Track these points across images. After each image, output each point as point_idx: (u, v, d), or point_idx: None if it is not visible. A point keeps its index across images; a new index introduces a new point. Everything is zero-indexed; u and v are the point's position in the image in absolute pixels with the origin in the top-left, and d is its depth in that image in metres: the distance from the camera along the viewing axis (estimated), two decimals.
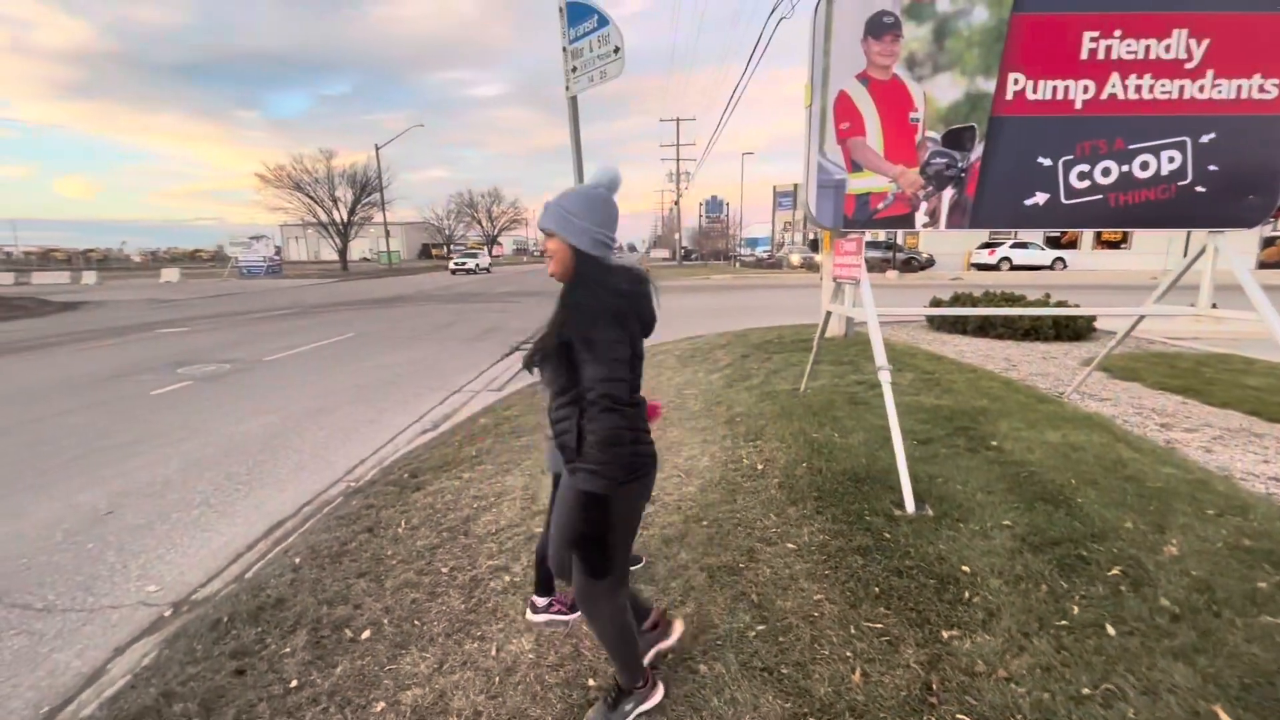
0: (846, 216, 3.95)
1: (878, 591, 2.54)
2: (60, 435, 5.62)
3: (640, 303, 1.74)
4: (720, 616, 2.46)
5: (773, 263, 42.19)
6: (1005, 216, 4.01)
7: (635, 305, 1.72)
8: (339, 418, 6.11)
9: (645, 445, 1.78)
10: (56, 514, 3.98)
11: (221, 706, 2.12)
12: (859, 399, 5.42)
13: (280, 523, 3.85)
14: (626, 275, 1.72)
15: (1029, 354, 7.74)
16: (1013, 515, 3.12)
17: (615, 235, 1.73)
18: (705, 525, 3.24)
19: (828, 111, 3.82)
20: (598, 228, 1.68)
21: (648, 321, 1.79)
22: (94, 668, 2.54)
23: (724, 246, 63.80)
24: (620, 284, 1.69)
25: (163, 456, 5.02)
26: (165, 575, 3.25)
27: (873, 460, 3.90)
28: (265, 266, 39.40)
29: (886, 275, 26.87)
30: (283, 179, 44.09)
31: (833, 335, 8.83)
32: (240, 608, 2.71)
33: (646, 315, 1.77)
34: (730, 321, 12.20)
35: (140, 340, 11.90)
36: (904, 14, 3.70)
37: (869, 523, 3.10)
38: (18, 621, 2.86)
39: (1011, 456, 3.93)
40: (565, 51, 4.01)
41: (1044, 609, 2.37)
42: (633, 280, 1.72)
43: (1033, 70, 3.71)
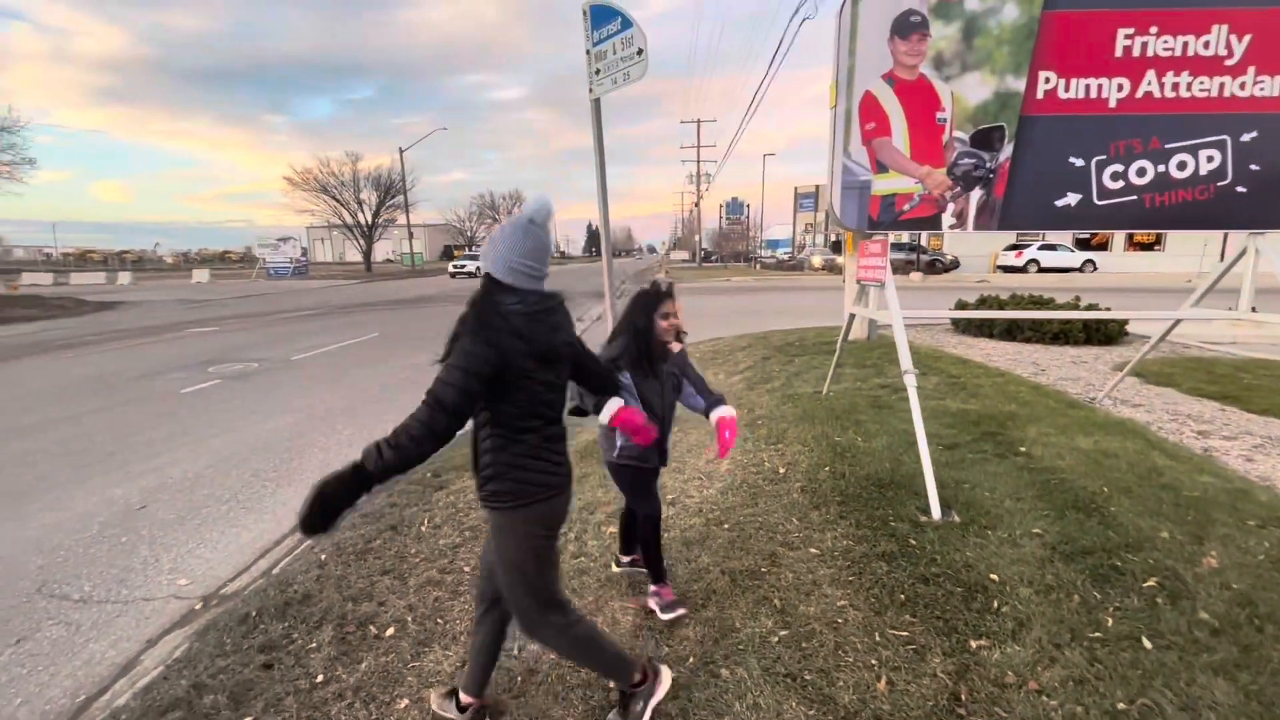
0: (871, 218, 3.90)
1: (903, 599, 2.50)
2: (96, 431, 5.78)
3: (535, 328, 1.67)
4: (742, 621, 2.44)
5: (794, 264, 41.88)
6: (1035, 218, 3.93)
7: (530, 329, 1.65)
8: (363, 417, 6.19)
9: (541, 473, 1.75)
10: (92, 508, 4.09)
11: (250, 699, 2.16)
12: (883, 402, 5.35)
13: None
14: (531, 299, 1.68)
15: (1058, 358, 7.57)
16: (1043, 523, 3.04)
17: (538, 265, 1.69)
18: (726, 528, 3.22)
19: (853, 112, 3.78)
20: (517, 256, 1.66)
21: (544, 348, 1.69)
22: (128, 658, 2.61)
23: (744, 248, 63.51)
24: (513, 305, 1.65)
25: (193, 453, 5.14)
26: (196, 569, 3.33)
27: (897, 465, 3.84)
28: (292, 268, 40.19)
29: (910, 277, 26.51)
30: (310, 182, 44.98)
31: (856, 338, 8.74)
32: (268, 603, 2.76)
33: (541, 342, 1.68)
34: (751, 324, 12.14)
35: (172, 339, 12.21)
36: (932, 13, 3.65)
37: (894, 528, 3.05)
38: (56, 612, 2.94)
39: (1041, 463, 3.85)
40: (589, 54, 4.02)
41: (1076, 620, 2.31)
42: (535, 305, 1.68)
43: (1065, 68, 3.63)
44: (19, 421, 6.18)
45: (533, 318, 1.67)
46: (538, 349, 1.67)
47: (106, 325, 15.34)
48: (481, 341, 1.59)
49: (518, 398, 1.67)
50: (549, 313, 1.73)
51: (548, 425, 1.77)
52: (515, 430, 1.70)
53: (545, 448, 1.76)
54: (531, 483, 1.73)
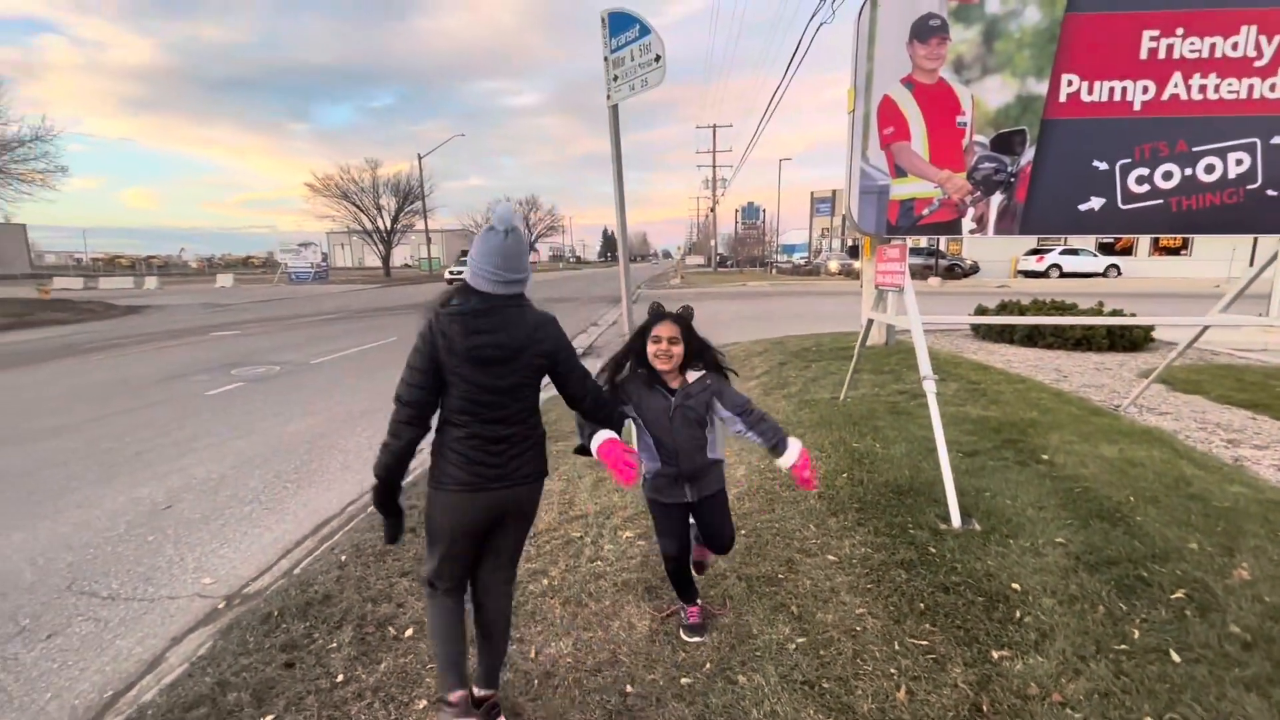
0: (890, 222, 3.88)
1: (923, 607, 2.47)
2: (123, 432, 5.92)
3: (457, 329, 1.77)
4: (759, 627, 2.43)
5: (810, 269, 41.66)
6: (1058, 222, 3.88)
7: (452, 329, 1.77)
8: (382, 419, 6.21)
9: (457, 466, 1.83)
10: (120, 507, 4.18)
11: (272, 697, 2.19)
12: (901, 409, 5.30)
13: (326, 521, 3.97)
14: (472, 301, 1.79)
15: (1081, 365, 7.44)
16: (1066, 532, 2.99)
17: (496, 269, 1.77)
18: (743, 534, 3.21)
19: (871, 116, 3.77)
20: (480, 262, 1.78)
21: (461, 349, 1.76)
22: (154, 655, 2.66)
23: (760, 253, 63.31)
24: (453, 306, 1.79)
25: (216, 454, 5.24)
26: (219, 568, 3.38)
27: (916, 472, 3.80)
28: (313, 272, 40.84)
29: (929, 282, 26.24)
30: (330, 188, 45.64)
31: (873, 343, 8.67)
32: (290, 602, 2.80)
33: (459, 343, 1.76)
34: (766, 329, 12.09)
35: (196, 343, 12.45)
36: (951, 17, 3.62)
37: (913, 536, 3.02)
38: (85, 608, 3.01)
39: (1064, 471, 3.78)
40: (607, 61, 4.05)
41: (1101, 632, 2.27)
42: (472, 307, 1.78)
43: (1088, 71, 3.59)
44: (51, 422, 6.34)
45: (463, 319, 1.77)
46: (457, 349, 1.76)
47: (133, 329, 15.69)
48: (418, 338, 1.80)
49: (451, 393, 1.81)
50: (481, 315, 1.79)
51: (484, 425, 1.82)
52: (447, 421, 1.85)
53: (473, 445, 1.83)
54: (445, 472, 1.84)
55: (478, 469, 1.83)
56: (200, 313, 20.00)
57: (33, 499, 4.33)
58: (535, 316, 1.90)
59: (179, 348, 11.79)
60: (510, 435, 1.87)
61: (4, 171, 23.38)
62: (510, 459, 1.87)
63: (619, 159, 4.19)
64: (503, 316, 1.82)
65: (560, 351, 1.94)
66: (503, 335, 1.81)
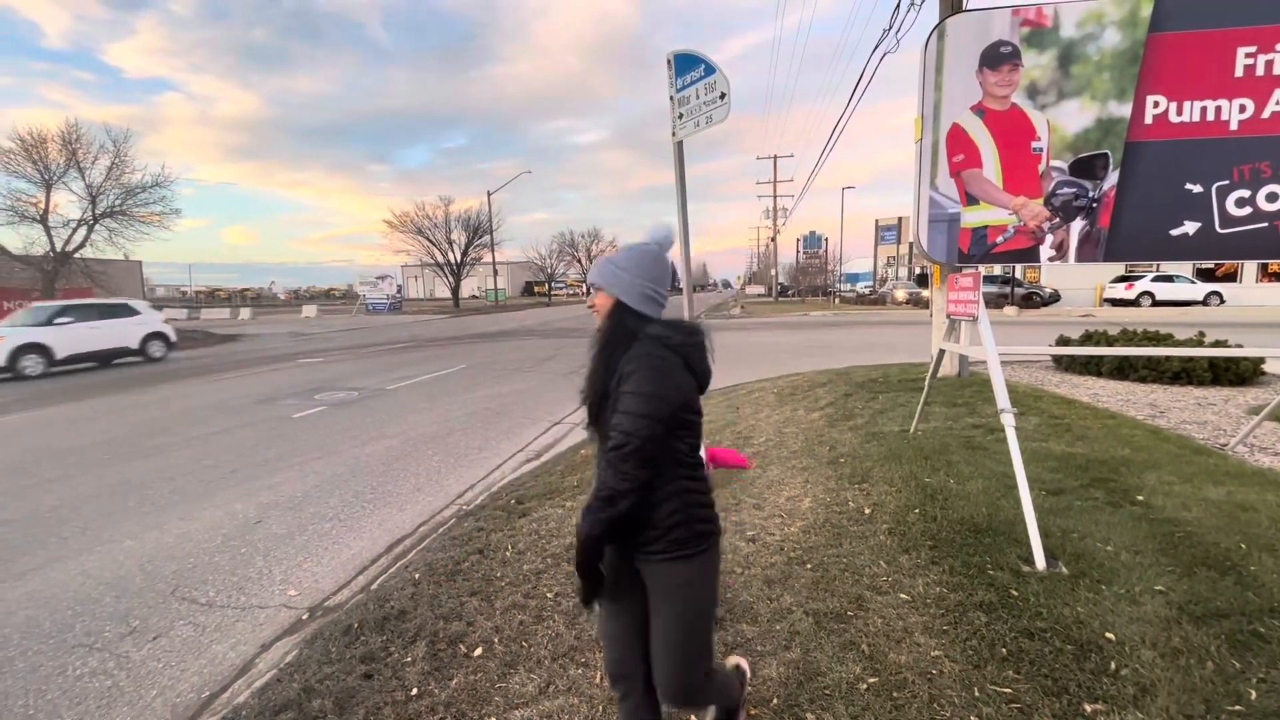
0: (961, 251, 3.79)
1: (1005, 653, 2.33)
2: (220, 451, 6.40)
3: (698, 357, 1.60)
4: (828, 665, 2.36)
5: (875, 298, 40.58)
6: (1147, 248, 3.68)
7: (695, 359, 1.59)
8: (451, 444, 6.51)
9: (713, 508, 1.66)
10: (217, 520, 4.51)
11: (353, 706, 2.30)
12: (976, 443, 5.06)
13: (400, 540, 4.14)
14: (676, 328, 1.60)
15: (1179, 399, 6.89)
16: (1167, 580, 2.77)
17: (666, 291, 1.64)
18: (809, 568, 3.14)
19: (940, 145, 3.72)
20: (646, 282, 1.60)
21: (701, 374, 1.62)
22: (245, 660, 2.84)
23: (822, 282, 62.28)
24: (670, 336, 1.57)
25: (301, 473, 5.58)
26: (303, 581, 3.59)
27: (994, 510, 3.61)
28: (388, 303, 43.14)
29: (1005, 311, 25.04)
30: (406, 224, 48.34)
31: (945, 375, 8.34)
32: (368, 616, 2.94)
33: (705, 373, 1.62)
34: (830, 359, 11.84)
35: (285, 369, 13.35)
36: (1023, 43, 3.57)
37: (992, 577, 2.87)
38: (186, 613, 3.25)
39: (1163, 513, 3.51)
40: (672, 100, 4.19)
41: (1211, 690, 2.08)
42: (683, 333, 1.60)
43: (1176, 92, 3.43)
44: (162, 440, 6.94)
45: (699, 343, 1.60)
46: (705, 381, 1.61)
47: (230, 355, 17.01)
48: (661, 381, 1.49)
49: (684, 436, 1.56)
50: (702, 340, 1.63)
51: (696, 461, 1.63)
52: (688, 467, 1.59)
53: (699, 490, 1.62)
54: (713, 522, 1.63)
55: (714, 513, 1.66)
56: (287, 341, 21.47)
57: (143, 510, 4.74)
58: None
59: (269, 373, 12.67)
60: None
61: (127, 215, 26.07)
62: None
63: (684, 192, 4.30)
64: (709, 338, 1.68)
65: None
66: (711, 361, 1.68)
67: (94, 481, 5.47)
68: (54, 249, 24.73)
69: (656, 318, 1.61)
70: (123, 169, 25.61)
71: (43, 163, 24.14)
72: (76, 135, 24.71)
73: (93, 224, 25.33)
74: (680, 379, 1.53)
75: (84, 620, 3.19)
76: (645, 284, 1.59)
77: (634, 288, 1.59)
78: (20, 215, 24.10)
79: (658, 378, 1.48)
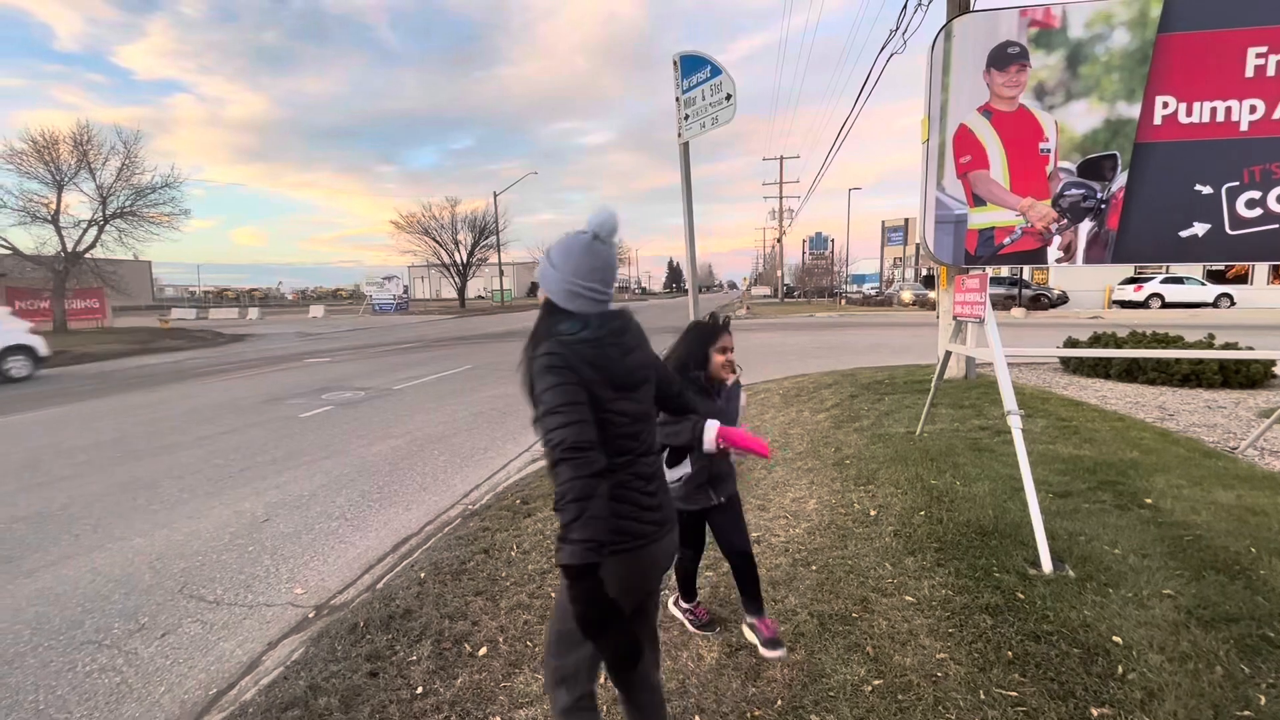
0: (968, 252, 3.77)
1: (1010, 656, 2.32)
2: (228, 450, 6.44)
3: (609, 355, 1.45)
4: (833, 666, 2.35)
5: (881, 300, 40.44)
6: (1156, 250, 3.66)
7: (602, 359, 1.44)
8: (457, 444, 6.53)
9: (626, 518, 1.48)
10: (225, 519, 4.54)
11: (358, 704, 2.31)
12: (982, 445, 5.04)
13: (406, 539, 4.16)
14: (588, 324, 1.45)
15: (1189, 402, 6.84)
16: (1175, 584, 2.75)
17: (598, 285, 1.46)
18: (814, 570, 3.13)
19: (946, 146, 3.71)
20: (574, 278, 1.44)
21: (622, 377, 1.47)
22: (252, 658, 2.86)
23: (829, 283, 62.10)
24: (577, 333, 1.44)
25: (308, 472, 5.61)
26: (310, 580, 3.61)
27: (1001, 512, 3.60)
28: (394, 304, 43.35)
29: (1012, 313, 24.90)
30: (413, 225, 48.62)
31: (951, 377, 8.30)
32: (374, 615, 2.95)
33: (618, 370, 1.46)
34: (836, 360, 11.80)
35: (292, 368, 13.43)
36: (1031, 43, 3.55)
37: (998, 580, 2.85)
38: (194, 611, 3.28)
39: (1171, 517, 3.48)
40: (678, 101, 4.20)
41: (1219, 695, 2.06)
42: (594, 328, 1.45)
43: (1186, 92, 3.41)
44: (171, 439, 7.00)
45: (608, 340, 1.46)
46: (616, 377, 1.45)
47: (238, 355, 17.12)
48: (552, 374, 1.37)
49: (600, 434, 1.40)
50: (619, 333, 1.50)
51: (637, 460, 1.51)
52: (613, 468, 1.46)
53: (630, 488, 1.50)
54: (627, 532, 1.48)
55: (649, 516, 1.53)
56: (295, 341, 21.58)
57: (152, 508, 4.78)
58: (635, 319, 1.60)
59: (277, 373, 12.75)
60: (657, 468, 1.60)
61: (138, 215, 26.31)
62: (663, 495, 1.59)
63: (689, 194, 4.30)
64: (636, 327, 1.56)
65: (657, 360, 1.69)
66: (647, 350, 1.57)
67: (104, 480, 5.52)
68: (65, 249, 24.99)
69: (585, 312, 1.46)
70: (133, 170, 25.90)
71: (54, 164, 24.41)
72: (88, 136, 24.99)
73: (103, 224, 25.57)
74: (584, 376, 1.39)
75: (93, 617, 3.22)
76: (572, 280, 1.45)
77: (560, 285, 1.46)
78: (32, 216, 24.38)
79: (555, 375, 1.37)
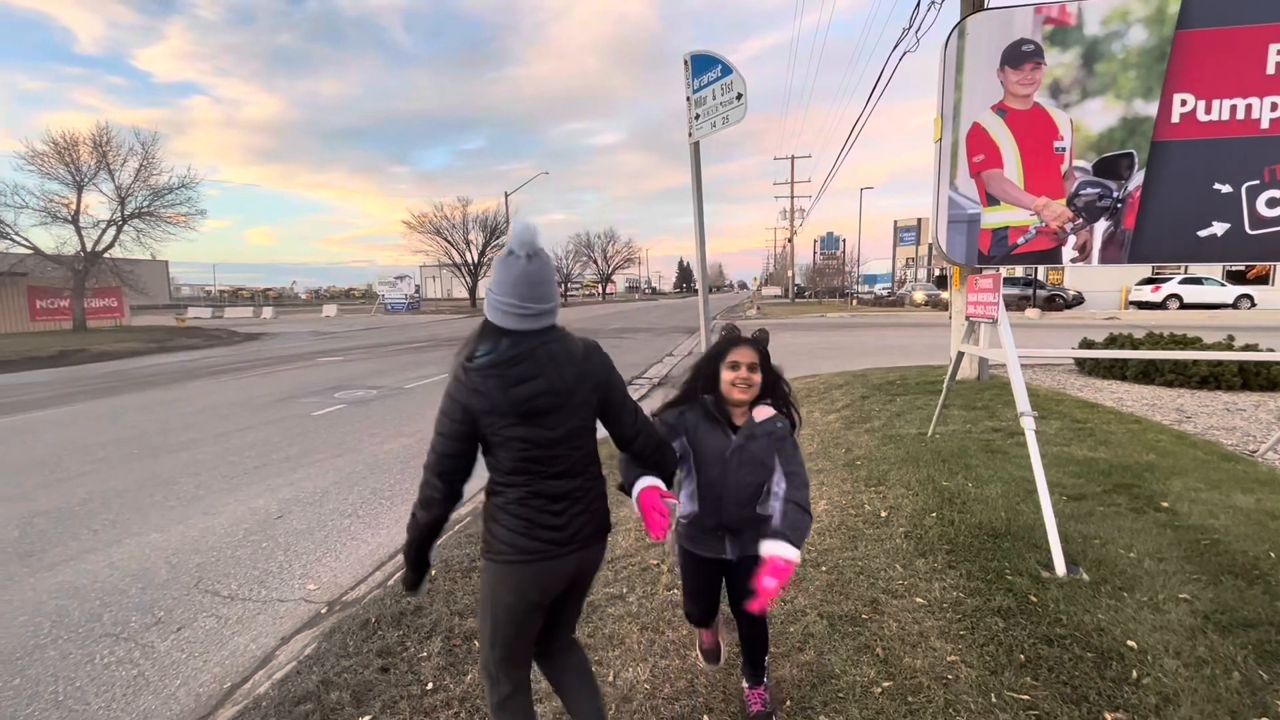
0: (981, 252, 3.74)
1: (1023, 659, 2.30)
2: (243, 447, 6.52)
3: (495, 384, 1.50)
4: (842, 668, 2.34)
5: (893, 300, 40.16)
6: (1173, 249, 3.61)
7: (488, 386, 1.50)
8: None
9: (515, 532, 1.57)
10: (239, 515, 4.60)
11: (370, 699, 2.34)
12: (995, 447, 4.99)
13: None
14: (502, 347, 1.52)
15: (1207, 404, 6.74)
16: (1192, 588, 2.71)
17: (516, 300, 1.50)
18: (824, 571, 3.12)
19: (960, 144, 3.68)
20: (497, 295, 1.52)
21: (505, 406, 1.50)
22: (265, 652, 2.89)
23: (840, 284, 61.77)
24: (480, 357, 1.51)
25: (321, 470, 5.66)
26: (322, 575, 3.64)
27: (1013, 514, 3.56)
28: (406, 303, 43.68)
29: (1026, 314, 24.64)
30: (425, 225, 48.84)
31: (964, 378, 8.23)
32: (385, 611, 2.98)
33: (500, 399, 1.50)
34: (847, 361, 11.74)
35: (305, 367, 13.56)
36: (1046, 41, 3.52)
37: (1011, 583, 2.83)
38: (209, 605, 3.32)
39: (1188, 520, 3.43)
40: (689, 100, 4.19)
41: (1237, 701, 2.03)
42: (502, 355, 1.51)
43: (1204, 89, 3.37)
44: (187, 436, 7.09)
45: (499, 370, 1.50)
46: (499, 407, 1.50)
47: (253, 354, 17.31)
48: (445, 400, 1.53)
49: (499, 454, 1.55)
50: (519, 360, 1.51)
51: (543, 482, 1.57)
52: (500, 484, 1.60)
53: (534, 506, 1.57)
54: (505, 541, 1.58)
55: (543, 533, 1.58)
56: (308, 340, 21.80)
57: (169, 504, 4.85)
58: (579, 346, 1.63)
59: (291, 371, 12.88)
60: (572, 490, 1.62)
61: (155, 215, 26.69)
62: (574, 517, 1.62)
63: (699, 194, 4.29)
64: (544, 355, 1.54)
65: (611, 381, 1.69)
66: (551, 378, 1.54)
67: (123, 476, 5.61)
68: (84, 249, 25.40)
69: (515, 329, 1.52)
70: (151, 171, 26.28)
71: (75, 165, 24.82)
72: (107, 138, 25.40)
73: (121, 224, 25.97)
74: (470, 405, 1.50)
75: (111, 610, 3.27)
76: (496, 296, 1.53)
77: (490, 301, 1.56)
78: (53, 216, 24.80)
79: (446, 398, 1.53)
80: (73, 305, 25.93)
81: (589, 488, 1.67)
